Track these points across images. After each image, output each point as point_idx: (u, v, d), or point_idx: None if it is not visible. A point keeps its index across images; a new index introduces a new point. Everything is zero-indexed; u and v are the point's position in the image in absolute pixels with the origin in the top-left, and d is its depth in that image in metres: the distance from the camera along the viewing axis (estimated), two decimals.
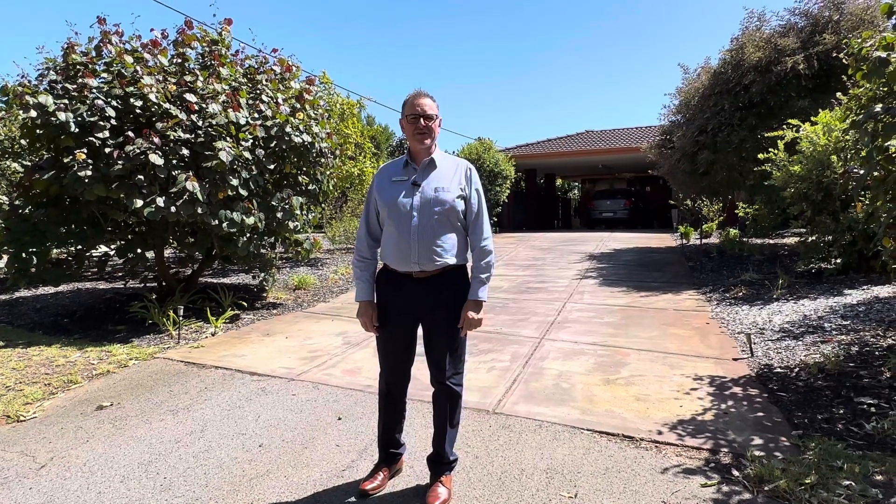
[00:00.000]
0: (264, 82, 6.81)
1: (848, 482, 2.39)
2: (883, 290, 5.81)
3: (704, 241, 12.79)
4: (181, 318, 5.64)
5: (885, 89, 3.65)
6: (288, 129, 6.19)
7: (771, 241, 11.47)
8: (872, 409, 3.24)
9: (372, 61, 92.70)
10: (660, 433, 3.08)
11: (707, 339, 5.05)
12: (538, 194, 26.29)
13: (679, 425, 3.18)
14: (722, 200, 12.69)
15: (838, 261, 6.99)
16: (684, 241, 13.30)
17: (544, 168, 26.10)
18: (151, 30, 6.13)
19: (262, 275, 7.12)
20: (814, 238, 7.29)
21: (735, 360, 4.42)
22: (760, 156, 7.95)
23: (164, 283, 7.07)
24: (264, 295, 7.77)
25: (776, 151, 7.65)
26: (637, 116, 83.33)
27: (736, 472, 2.61)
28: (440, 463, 2.53)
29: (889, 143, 3.56)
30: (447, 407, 2.51)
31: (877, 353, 4.12)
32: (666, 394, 3.70)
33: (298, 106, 6.79)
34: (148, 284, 7.30)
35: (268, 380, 4.22)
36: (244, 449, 3.03)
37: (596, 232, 19.22)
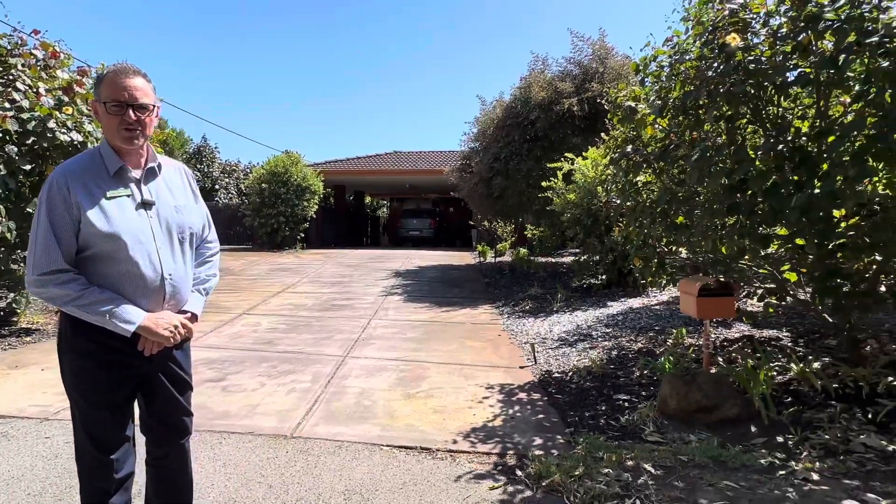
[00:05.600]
0: (20, 67, 5.73)
1: (607, 470, 2.74)
2: (636, 302, 6.90)
3: (499, 259, 13.94)
4: None
5: (634, 133, 4.37)
6: (52, 124, 5.28)
7: (553, 260, 12.93)
8: (626, 404, 3.79)
9: (177, 65, 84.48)
10: (454, 442, 3.22)
11: (499, 350, 5.46)
12: (347, 211, 26.28)
13: (472, 433, 3.36)
14: (514, 222, 14.01)
15: (603, 277, 8.14)
16: (482, 259, 14.34)
17: (354, 185, 26.24)
18: None
19: (12, 295, 5.93)
20: (585, 257, 8.42)
21: (522, 367, 4.85)
22: (544, 184, 8.97)
23: None
24: (14, 319, 6.45)
25: (556, 181, 8.69)
26: (442, 140, 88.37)
27: (520, 472, 2.83)
28: None
29: (637, 178, 4.27)
30: (184, 470, 2.02)
31: (630, 355, 4.85)
32: (461, 404, 3.89)
33: (67, 99, 5.83)
34: None
35: (13, 422, 3.49)
36: None
37: (403, 249, 19.80)
